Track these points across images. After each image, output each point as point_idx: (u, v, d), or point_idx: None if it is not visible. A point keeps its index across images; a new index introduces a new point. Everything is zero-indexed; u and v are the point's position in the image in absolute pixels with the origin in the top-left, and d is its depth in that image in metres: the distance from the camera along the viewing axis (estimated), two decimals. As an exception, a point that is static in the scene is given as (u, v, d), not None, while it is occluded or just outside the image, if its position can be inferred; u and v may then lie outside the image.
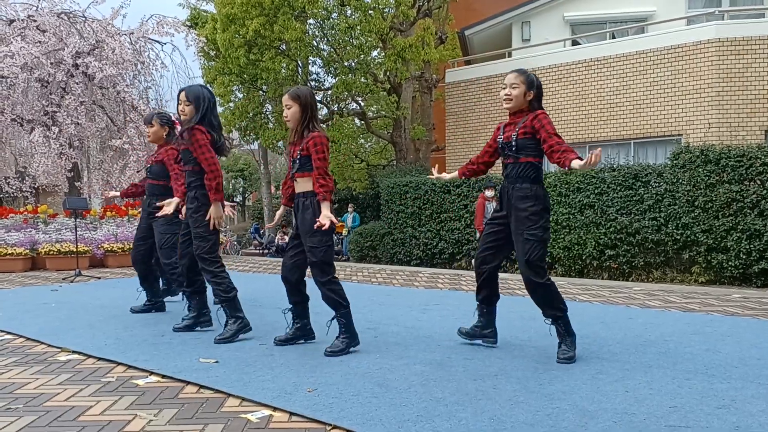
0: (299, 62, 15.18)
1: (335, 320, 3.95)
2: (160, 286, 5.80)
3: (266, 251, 18.87)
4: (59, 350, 4.18)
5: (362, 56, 14.54)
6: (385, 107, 16.52)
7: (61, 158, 12.02)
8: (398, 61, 14.33)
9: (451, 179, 4.41)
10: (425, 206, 12.73)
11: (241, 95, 16.37)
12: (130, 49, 12.55)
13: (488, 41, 17.17)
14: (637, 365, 3.62)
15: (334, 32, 14.76)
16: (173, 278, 5.30)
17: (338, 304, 3.91)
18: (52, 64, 11.69)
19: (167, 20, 12.65)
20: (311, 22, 15.08)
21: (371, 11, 14.01)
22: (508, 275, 9.51)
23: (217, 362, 3.72)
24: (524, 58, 14.46)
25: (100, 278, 8.78)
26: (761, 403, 2.94)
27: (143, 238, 5.54)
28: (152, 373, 3.54)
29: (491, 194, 10.24)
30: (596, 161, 3.32)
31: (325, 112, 16.73)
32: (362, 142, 21.78)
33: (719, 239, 9.16)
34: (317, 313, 4.42)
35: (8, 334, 4.78)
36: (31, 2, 12.29)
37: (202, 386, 3.27)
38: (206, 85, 15.72)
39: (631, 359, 3.77)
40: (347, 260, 14.90)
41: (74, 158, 12.52)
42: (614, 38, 14.07)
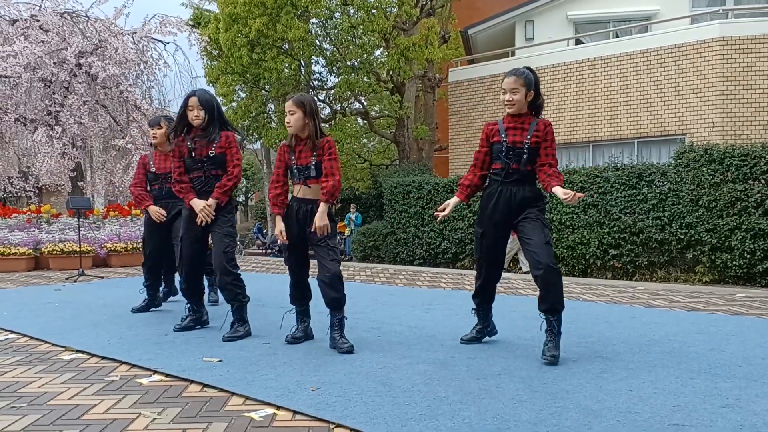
0: (302, 62, 15.19)
1: (339, 319, 3.97)
2: (160, 287, 5.83)
3: (269, 251, 18.89)
4: (63, 349, 4.18)
5: (365, 56, 14.54)
6: (388, 107, 16.53)
7: (64, 158, 12.04)
8: (401, 60, 14.32)
9: (454, 206, 4.06)
10: (428, 206, 12.72)
11: (243, 95, 16.40)
12: (132, 48, 12.58)
13: (491, 40, 17.15)
14: (641, 364, 3.61)
15: (336, 31, 14.78)
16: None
17: (344, 302, 3.97)
18: (55, 63, 11.71)
19: (170, 20, 12.67)
20: (314, 21, 15.09)
21: (374, 10, 14.01)
22: (511, 275, 9.50)
23: (220, 361, 3.72)
24: (527, 57, 14.43)
25: (103, 278, 8.80)
26: (765, 402, 2.93)
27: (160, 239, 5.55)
28: (156, 372, 3.55)
29: None
30: (576, 200, 3.49)
31: (327, 111, 16.75)
32: (365, 141, 21.80)
33: (723, 238, 9.14)
34: (319, 312, 4.42)
35: (12, 333, 4.79)
36: (34, 2, 12.32)
37: (205, 385, 3.27)
38: (208, 86, 15.77)
39: (635, 358, 3.76)
40: (350, 260, 14.90)
41: (77, 158, 12.55)
42: (618, 37, 14.04)
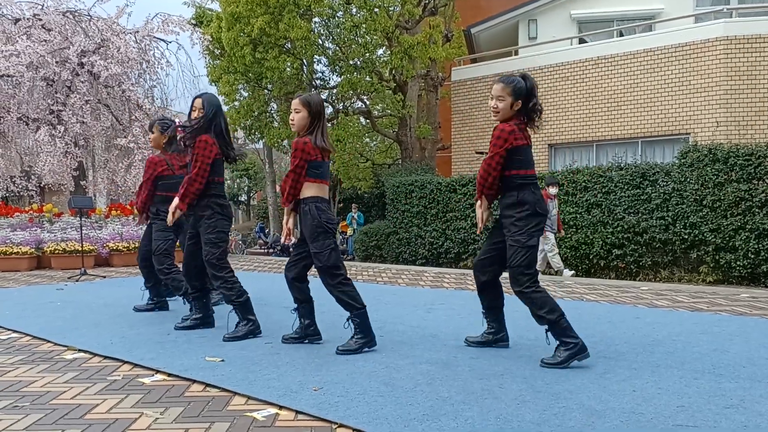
0: (304, 61, 15.19)
1: (350, 321, 3.92)
2: (163, 286, 5.82)
3: (271, 250, 18.90)
4: (65, 349, 4.18)
5: (367, 55, 14.53)
6: (390, 106, 16.51)
7: (66, 157, 12.06)
8: (404, 59, 14.30)
9: (489, 212, 3.90)
10: (431, 205, 12.71)
11: (246, 94, 16.39)
12: (135, 47, 12.59)
13: (495, 39, 17.12)
14: (644, 365, 3.60)
15: (339, 30, 14.76)
16: (168, 283, 5.31)
17: (350, 305, 3.88)
18: (57, 62, 11.72)
19: (172, 19, 12.68)
20: (316, 20, 15.08)
21: (377, 9, 13.99)
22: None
23: (223, 361, 3.71)
24: (531, 56, 14.42)
25: (105, 277, 8.81)
26: (771, 403, 2.91)
27: (149, 240, 5.59)
28: (158, 371, 3.54)
29: (555, 191, 9.61)
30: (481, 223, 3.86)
31: (330, 110, 16.74)
32: (367, 140, 21.79)
33: (727, 239, 9.11)
34: (323, 312, 4.41)
35: (14, 332, 4.79)
36: (36, 1, 12.34)
37: (208, 385, 3.27)
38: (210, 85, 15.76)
39: (638, 359, 3.75)
40: (352, 259, 14.90)
41: (79, 157, 12.57)
42: (621, 36, 14.01)
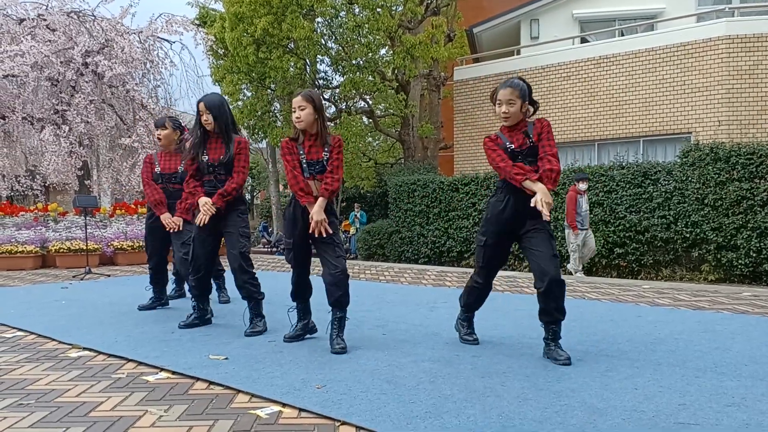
0: (307, 60, 15.19)
1: (339, 318, 4.00)
2: (167, 287, 5.86)
3: (274, 249, 18.93)
4: (70, 347, 4.21)
5: (370, 54, 14.53)
6: (393, 105, 16.52)
7: (71, 156, 12.10)
8: (407, 58, 14.31)
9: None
10: (433, 204, 12.73)
11: (249, 94, 16.39)
12: (139, 47, 12.62)
13: (497, 39, 17.13)
14: (646, 363, 3.62)
15: (342, 30, 14.77)
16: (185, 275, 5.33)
17: (347, 301, 3.98)
18: (61, 62, 11.76)
19: (176, 19, 12.71)
20: (319, 20, 15.08)
21: (379, 9, 14.00)
22: (516, 273, 9.50)
23: (226, 359, 3.74)
24: (533, 55, 14.42)
25: (109, 276, 8.84)
26: (771, 401, 2.92)
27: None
28: (162, 369, 3.56)
29: (585, 187, 9.62)
30: (546, 209, 3.51)
31: (333, 110, 16.74)
32: (370, 140, 21.78)
33: (729, 237, 9.12)
34: (325, 310, 4.43)
35: (20, 330, 4.82)
36: (41, 1, 12.38)
37: (212, 382, 3.29)
38: (213, 85, 15.80)
39: (640, 357, 3.76)
40: (355, 258, 14.92)
41: (84, 157, 12.61)
42: (623, 36, 14.00)
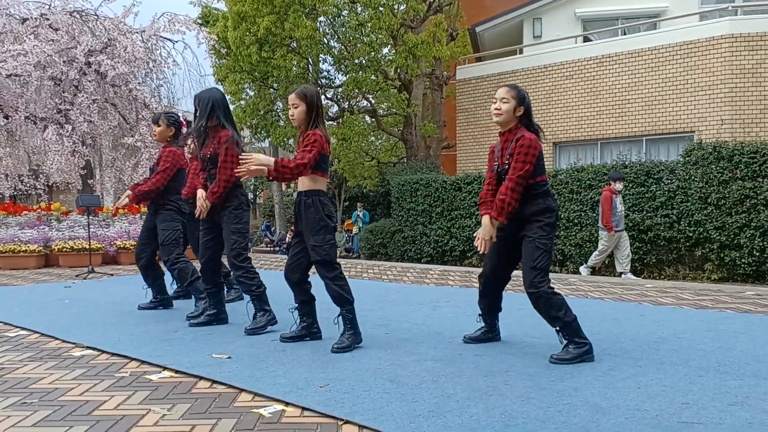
0: (310, 60, 15.19)
1: (341, 317, 3.97)
2: (165, 283, 5.82)
3: (277, 248, 18.94)
4: (73, 346, 4.22)
5: (372, 53, 14.53)
6: (395, 104, 16.50)
7: (74, 156, 12.13)
8: (409, 57, 14.30)
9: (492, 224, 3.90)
10: (436, 203, 12.72)
11: (252, 93, 16.41)
12: (141, 47, 12.65)
13: (499, 38, 17.11)
14: (649, 362, 3.61)
15: (344, 29, 14.77)
16: (174, 274, 5.33)
17: (345, 299, 3.93)
18: (64, 62, 11.79)
19: (178, 18, 12.73)
20: (322, 19, 15.09)
21: (381, 8, 13.99)
22: (518, 272, 9.48)
23: (229, 358, 3.74)
24: (535, 54, 14.40)
25: (112, 275, 8.85)
26: (775, 400, 2.92)
27: (147, 237, 5.55)
28: (165, 368, 3.57)
29: (620, 187, 9.44)
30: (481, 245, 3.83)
31: (335, 109, 16.75)
32: (373, 139, 21.79)
33: (732, 236, 9.09)
34: (328, 309, 4.43)
35: (23, 329, 4.83)
36: (43, 1, 12.40)
37: (215, 381, 3.30)
38: (216, 84, 15.82)
39: (643, 356, 3.76)
40: (358, 257, 14.92)
41: (87, 156, 12.64)
42: (626, 34, 13.97)
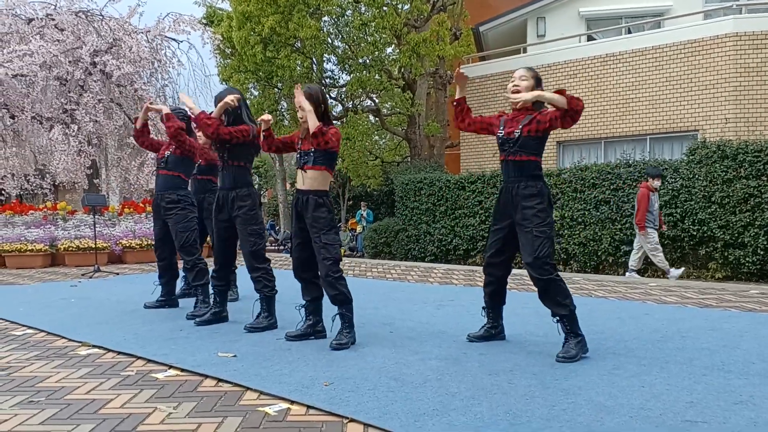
0: (314, 59, 15.21)
1: (339, 315, 4.02)
2: (176, 285, 5.84)
3: (281, 247, 18.96)
4: (79, 344, 4.24)
5: (376, 53, 14.54)
6: (399, 104, 16.50)
7: (80, 156, 12.16)
8: (413, 57, 14.30)
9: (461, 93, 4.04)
10: (440, 202, 12.72)
11: (256, 93, 16.43)
12: (146, 47, 12.67)
13: (503, 37, 17.09)
14: (653, 361, 3.62)
15: (348, 29, 14.78)
16: (190, 276, 5.33)
17: (346, 298, 3.99)
18: (70, 62, 11.82)
19: (183, 18, 12.75)
20: (326, 19, 15.11)
21: (385, 7, 14.00)
22: (523, 270, 9.48)
23: (235, 356, 3.76)
24: (539, 53, 14.38)
25: (118, 274, 8.89)
26: (779, 399, 2.92)
27: (164, 234, 5.53)
28: (171, 367, 3.59)
29: (658, 184, 9.05)
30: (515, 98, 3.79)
31: (339, 109, 16.76)
32: (377, 138, 21.79)
33: (736, 235, 9.08)
34: (330, 309, 4.44)
35: (29, 328, 4.86)
36: (49, 1, 12.44)
37: (220, 380, 3.31)
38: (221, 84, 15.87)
39: (647, 355, 3.76)
40: (362, 256, 14.93)
41: (93, 155, 12.68)
42: (630, 33, 13.95)
